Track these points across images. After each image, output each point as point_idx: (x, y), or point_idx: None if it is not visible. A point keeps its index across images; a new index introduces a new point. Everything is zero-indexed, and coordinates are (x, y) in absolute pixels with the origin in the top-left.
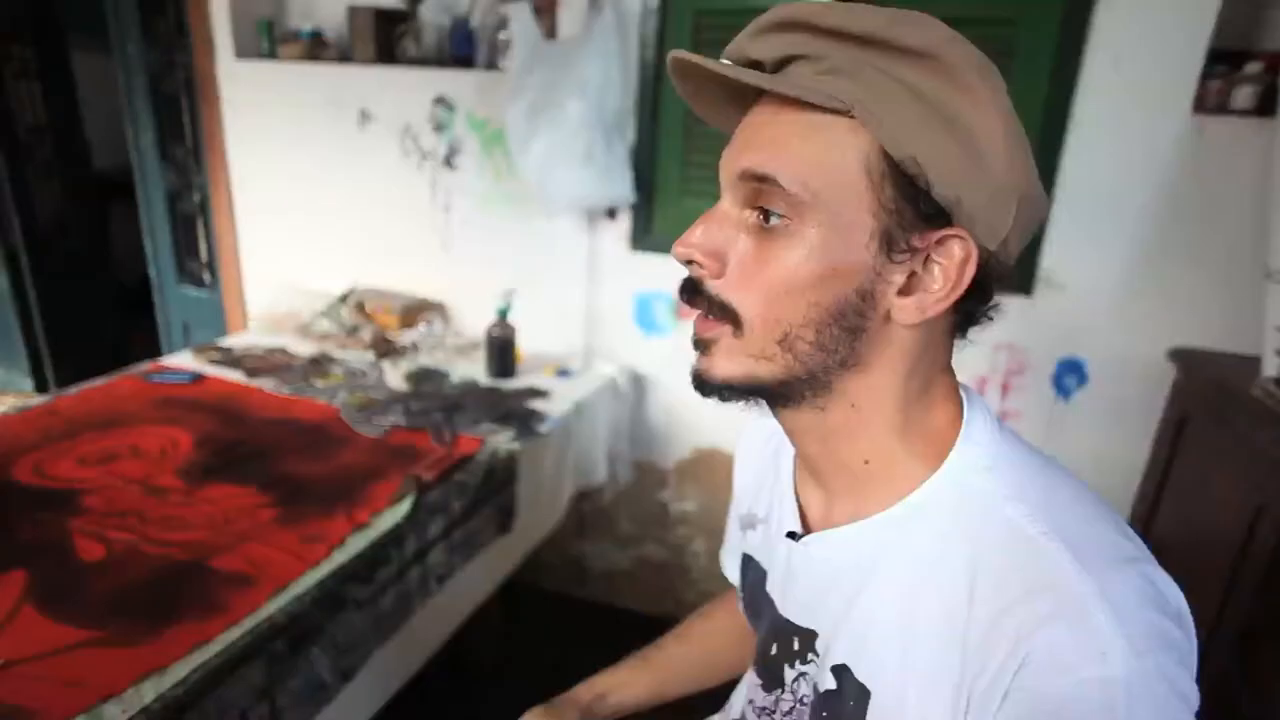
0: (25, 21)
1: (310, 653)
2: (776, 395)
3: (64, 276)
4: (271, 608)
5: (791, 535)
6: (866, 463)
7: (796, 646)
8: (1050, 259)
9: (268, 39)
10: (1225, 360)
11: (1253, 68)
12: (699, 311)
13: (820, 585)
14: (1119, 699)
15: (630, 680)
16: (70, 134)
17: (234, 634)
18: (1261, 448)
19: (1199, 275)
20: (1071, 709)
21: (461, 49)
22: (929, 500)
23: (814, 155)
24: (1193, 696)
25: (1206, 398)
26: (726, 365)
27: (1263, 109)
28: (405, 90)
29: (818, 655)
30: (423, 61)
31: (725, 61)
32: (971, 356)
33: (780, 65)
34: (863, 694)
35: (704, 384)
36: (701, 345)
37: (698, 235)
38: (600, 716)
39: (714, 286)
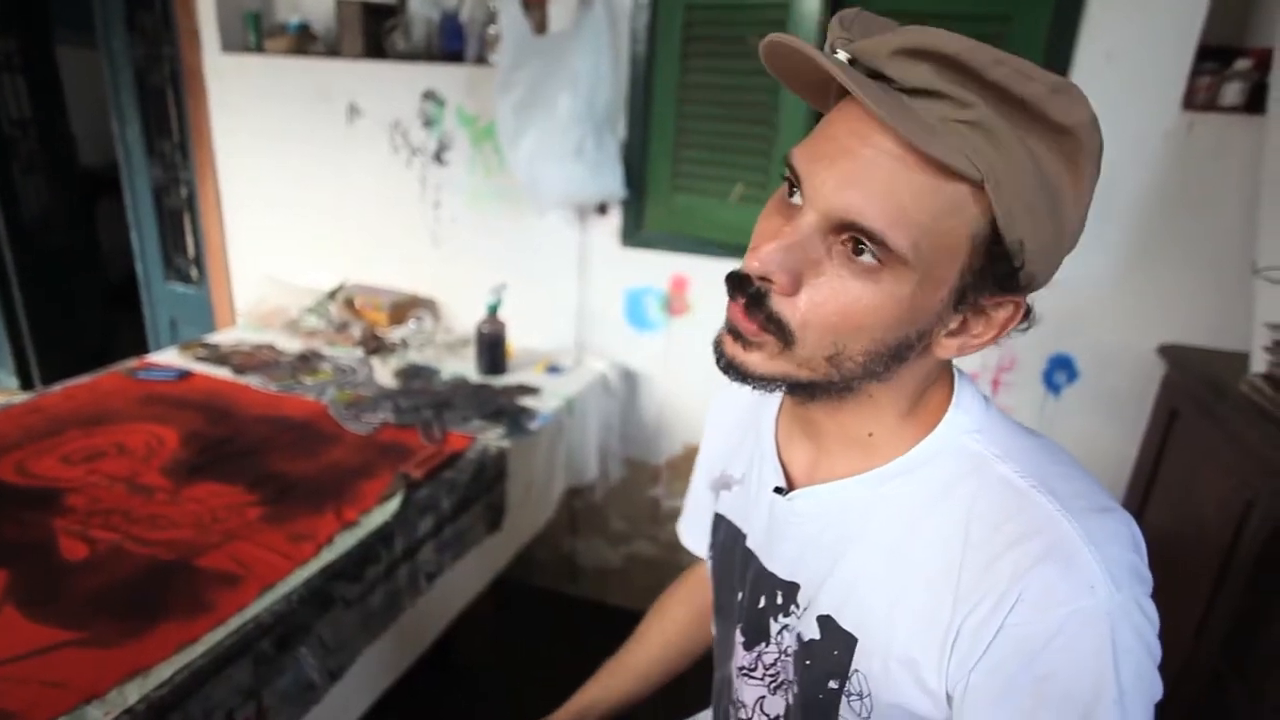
0: (10, 15)
1: (298, 652)
2: (804, 389)
3: (49, 272)
4: (258, 607)
5: (779, 490)
6: (870, 435)
7: (779, 600)
8: None
9: (254, 32)
10: (1214, 356)
11: (1242, 64)
12: (743, 306)
13: (805, 539)
14: (1105, 625)
15: (603, 694)
16: (55, 128)
17: (220, 634)
18: (1250, 443)
19: (1188, 271)
20: (1062, 637)
21: (451, 43)
22: (922, 459)
23: (929, 218)
24: (1156, 620)
25: (1196, 393)
26: (767, 365)
27: (1251, 106)
28: (394, 85)
29: (798, 607)
30: (412, 56)
31: (841, 56)
32: None
33: (911, 90)
34: (849, 642)
35: (737, 373)
36: (741, 339)
37: (778, 255)
38: None
39: (779, 304)
